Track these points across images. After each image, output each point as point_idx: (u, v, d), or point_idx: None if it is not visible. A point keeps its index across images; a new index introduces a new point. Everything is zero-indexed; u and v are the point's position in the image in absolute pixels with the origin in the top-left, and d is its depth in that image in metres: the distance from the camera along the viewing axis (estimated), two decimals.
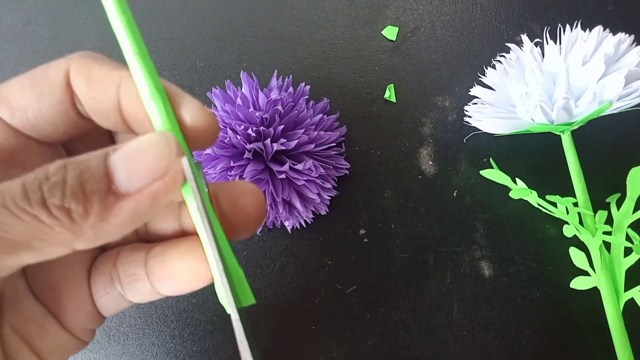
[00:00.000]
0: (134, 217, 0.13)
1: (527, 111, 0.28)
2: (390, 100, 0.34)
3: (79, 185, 0.12)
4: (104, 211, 0.13)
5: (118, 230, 0.13)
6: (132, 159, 0.13)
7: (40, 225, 0.12)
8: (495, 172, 0.32)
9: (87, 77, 0.14)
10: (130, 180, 0.13)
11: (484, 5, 0.35)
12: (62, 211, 0.12)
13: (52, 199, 0.12)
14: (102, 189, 0.13)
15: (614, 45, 0.27)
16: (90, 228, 0.13)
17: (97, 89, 0.14)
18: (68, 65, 0.15)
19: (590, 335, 0.32)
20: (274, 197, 0.29)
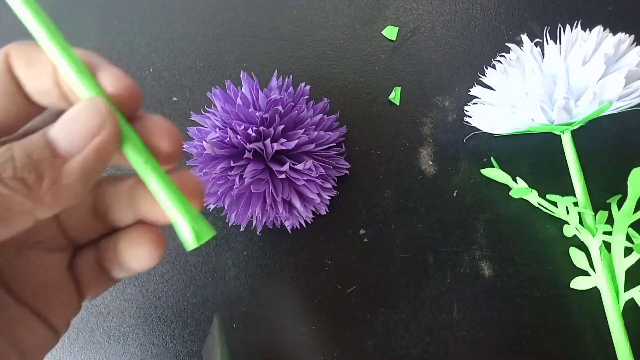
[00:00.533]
0: (84, 174, 0.15)
1: (527, 111, 0.28)
2: (394, 102, 0.34)
3: (27, 158, 0.14)
4: (55, 174, 0.14)
5: (73, 190, 0.15)
6: (68, 125, 0.15)
7: (1, 199, 0.13)
8: (495, 170, 0.32)
9: (27, 59, 0.16)
10: (71, 142, 0.14)
11: (484, 5, 0.35)
12: (17, 181, 0.14)
13: (4, 172, 0.13)
14: (48, 155, 0.14)
15: (614, 45, 0.27)
16: (47, 192, 0.14)
17: (36, 67, 0.16)
18: (7, 52, 0.16)
19: (590, 335, 0.32)
20: (274, 197, 0.29)
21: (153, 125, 0.16)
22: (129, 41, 0.35)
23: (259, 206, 0.29)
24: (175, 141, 0.16)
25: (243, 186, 0.28)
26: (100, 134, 0.15)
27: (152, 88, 0.35)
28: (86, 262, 0.18)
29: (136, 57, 0.35)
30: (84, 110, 0.15)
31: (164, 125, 0.16)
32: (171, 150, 0.16)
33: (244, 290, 0.33)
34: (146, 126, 0.16)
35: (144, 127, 0.16)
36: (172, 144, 0.16)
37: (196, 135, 0.30)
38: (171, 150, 0.16)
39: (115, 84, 0.15)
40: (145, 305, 0.33)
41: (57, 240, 0.18)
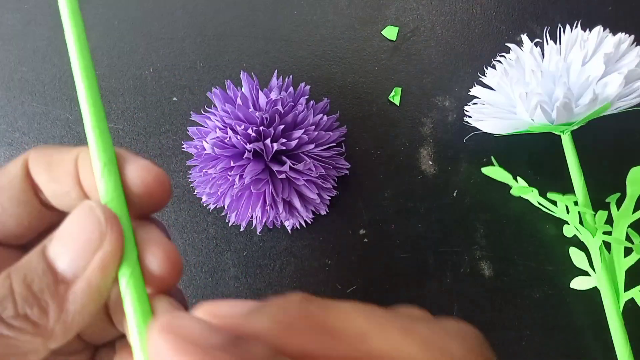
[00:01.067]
0: (91, 295, 0.13)
1: (527, 111, 0.28)
2: (394, 102, 0.34)
3: (27, 289, 0.12)
4: (61, 303, 0.13)
5: (84, 314, 0.13)
6: (66, 242, 0.13)
7: (7, 341, 0.12)
8: (496, 169, 0.32)
9: (47, 162, 0.15)
10: (71, 263, 0.13)
11: (484, 5, 0.35)
12: (20, 320, 0.12)
13: (5, 312, 0.12)
14: (50, 282, 0.13)
15: (614, 45, 0.27)
16: (55, 324, 0.13)
17: (56, 168, 0.14)
18: (26, 157, 0.15)
19: (590, 335, 0.32)
20: (274, 197, 0.29)
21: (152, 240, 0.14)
22: (129, 41, 0.35)
23: (259, 206, 0.29)
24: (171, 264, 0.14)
25: (243, 186, 0.28)
26: (102, 248, 0.13)
27: (152, 88, 0.35)
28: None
29: (136, 57, 0.35)
30: (81, 220, 0.13)
31: (164, 243, 0.14)
32: (164, 273, 0.14)
33: (244, 290, 0.33)
34: (145, 238, 0.14)
35: (142, 239, 0.14)
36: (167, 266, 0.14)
37: (196, 135, 0.30)
38: (164, 273, 0.14)
39: (142, 175, 0.14)
40: None
41: (74, 343, 0.17)
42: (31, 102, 0.35)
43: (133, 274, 0.13)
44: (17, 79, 0.35)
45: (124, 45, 0.35)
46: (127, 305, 0.13)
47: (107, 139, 0.14)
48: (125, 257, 0.14)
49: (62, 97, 0.35)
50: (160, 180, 0.14)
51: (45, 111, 0.35)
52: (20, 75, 0.35)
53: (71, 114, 0.35)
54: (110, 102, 0.34)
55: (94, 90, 0.14)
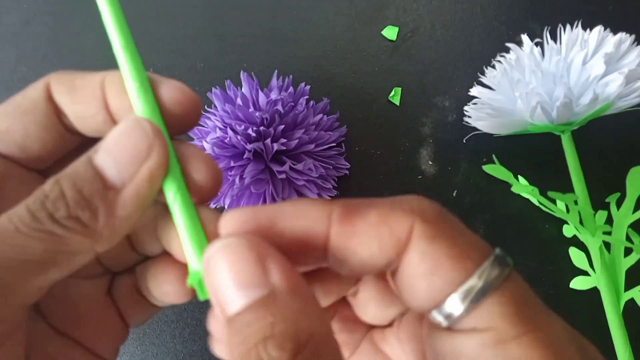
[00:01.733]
0: (139, 203, 0.14)
1: (527, 111, 0.28)
2: (394, 102, 0.34)
3: (78, 193, 0.13)
4: (110, 207, 0.13)
5: (130, 220, 0.14)
6: (114, 152, 0.14)
7: (58, 239, 0.13)
8: (497, 167, 0.32)
9: (70, 85, 0.15)
10: (120, 171, 0.13)
11: (484, 5, 0.35)
12: (72, 220, 0.13)
13: (58, 212, 0.13)
14: (100, 188, 0.13)
15: (615, 45, 0.27)
16: (104, 227, 0.13)
17: (81, 91, 0.15)
18: (47, 81, 0.15)
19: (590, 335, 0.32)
20: (274, 197, 0.29)
21: (191, 153, 0.15)
22: None
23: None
24: (213, 173, 0.15)
25: (243, 186, 0.28)
26: (150, 158, 0.14)
27: None
28: (125, 289, 0.17)
29: None
30: (128, 132, 0.14)
31: (203, 156, 0.15)
32: (207, 182, 0.15)
33: None
34: (184, 152, 0.15)
35: (181, 153, 0.15)
36: (209, 175, 0.15)
37: (196, 135, 0.30)
38: (207, 182, 0.15)
39: (175, 95, 0.15)
40: None
41: (93, 267, 0.17)
42: None
43: (180, 187, 0.14)
44: (17, 78, 0.35)
45: None
46: (176, 216, 0.14)
47: (139, 60, 0.15)
48: (170, 170, 0.14)
49: None
50: (192, 98, 0.15)
51: None
52: (20, 75, 0.35)
53: None
54: None
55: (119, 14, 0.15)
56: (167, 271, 0.16)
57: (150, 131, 0.14)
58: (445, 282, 0.12)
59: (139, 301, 0.17)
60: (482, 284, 0.12)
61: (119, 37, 0.15)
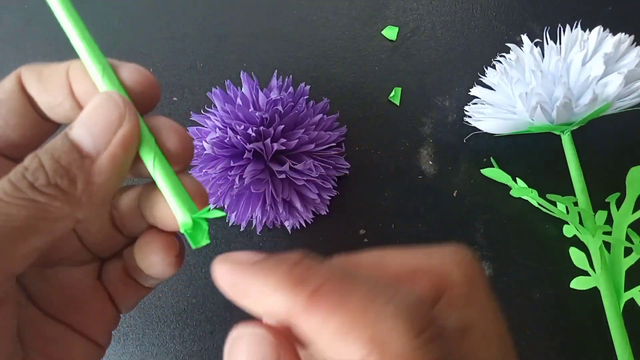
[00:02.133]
0: (115, 169, 0.14)
1: (527, 111, 0.28)
2: (394, 102, 0.34)
3: (56, 163, 0.14)
4: (87, 174, 0.14)
5: (107, 187, 0.15)
6: (88, 124, 0.14)
7: (39, 206, 0.14)
8: (495, 170, 0.32)
9: (38, 75, 0.16)
10: (95, 140, 0.14)
11: (484, 5, 0.35)
12: (52, 187, 0.14)
13: (38, 181, 0.14)
14: (76, 157, 0.14)
15: (614, 45, 0.27)
16: (82, 193, 0.14)
17: (48, 80, 0.16)
18: (18, 72, 0.16)
19: (590, 335, 0.32)
20: (274, 197, 0.29)
21: (161, 124, 0.16)
22: (129, 41, 0.35)
23: (259, 206, 0.29)
24: (183, 140, 0.16)
25: (243, 186, 0.28)
26: (122, 126, 0.14)
27: None
28: (114, 273, 0.18)
29: (136, 57, 0.35)
30: (101, 105, 0.15)
31: (172, 125, 0.16)
32: (179, 148, 0.16)
33: None
34: (154, 125, 0.16)
35: (152, 126, 0.16)
36: (180, 142, 0.16)
37: (196, 135, 0.30)
38: (179, 148, 0.16)
39: (135, 76, 0.15)
40: (145, 305, 0.33)
41: (81, 254, 0.18)
42: None
43: (157, 153, 0.15)
44: None
45: (124, 45, 0.35)
46: (158, 180, 0.15)
47: (96, 47, 0.16)
48: (143, 141, 0.15)
49: None
50: (150, 78, 0.16)
51: None
52: None
53: None
54: None
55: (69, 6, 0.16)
56: (152, 242, 0.17)
57: (121, 102, 0.15)
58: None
59: (129, 284, 0.18)
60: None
61: (74, 27, 0.16)
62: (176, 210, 0.15)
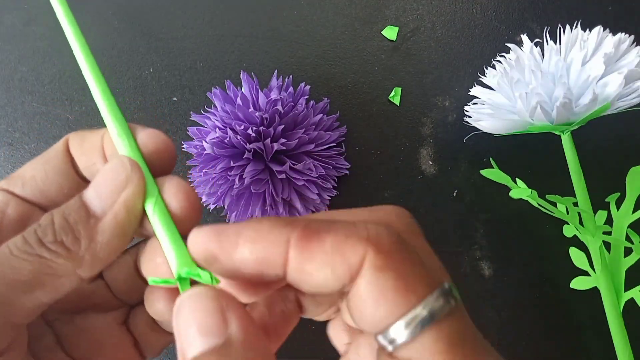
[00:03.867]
0: (117, 230, 0.15)
1: (527, 111, 0.28)
2: (394, 102, 0.34)
3: (64, 221, 0.15)
4: (91, 233, 0.15)
5: (110, 247, 0.15)
6: (97, 186, 0.16)
7: (44, 261, 0.14)
8: (495, 171, 0.32)
9: (81, 139, 0.17)
10: (101, 200, 0.15)
11: (484, 5, 0.35)
12: (57, 244, 0.15)
13: (46, 237, 0.15)
14: (83, 216, 0.15)
15: (614, 45, 0.27)
16: (85, 252, 0.15)
17: (87, 144, 0.17)
18: (68, 137, 0.17)
19: (590, 335, 0.32)
20: (274, 197, 0.29)
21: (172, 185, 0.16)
22: (129, 41, 0.35)
23: (259, 206, 0.29)
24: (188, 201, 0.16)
25: (243, 186, 0.28)
26: (127, 188, 0.15)
27: (152, 88, 0.35)
28: (141, 319, 0.19)
29: (136, 57, 0.35)
30: (111, 168, 0.16)
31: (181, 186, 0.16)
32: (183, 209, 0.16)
33: None
34: (166, 184, 0.16)
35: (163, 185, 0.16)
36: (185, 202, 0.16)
37: (196, 135, 0.30)
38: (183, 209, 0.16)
39: (152, 140, 0.17)
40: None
41: (110, 301, 0.19)
42: (31, 102, 0.35)
43: (157, 202, 0.16)
44: (17, 79, 0.35)
45: (124, 45, 0.35)
46: (156, 227, 0.16)
47: (118, 109, 0.17)
48: (148, 194, 0.16)
49: (62, 97, 0.35)
50: (166, 143, 0.17)
51: (45, 111, 0.35)
52: (20, 75, 0.35)
53: (71, 114, 0.35)
54: None
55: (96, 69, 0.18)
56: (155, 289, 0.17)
57: (128, 164, 0.16)
58: (388, 312, 0.13)
59: (155, 329, 0.19)
60: (425, 314, 0.13)
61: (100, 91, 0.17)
62: (171, 261, 0.16)
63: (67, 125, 0.35)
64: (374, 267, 0.13)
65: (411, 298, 0.13)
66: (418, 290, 0.13)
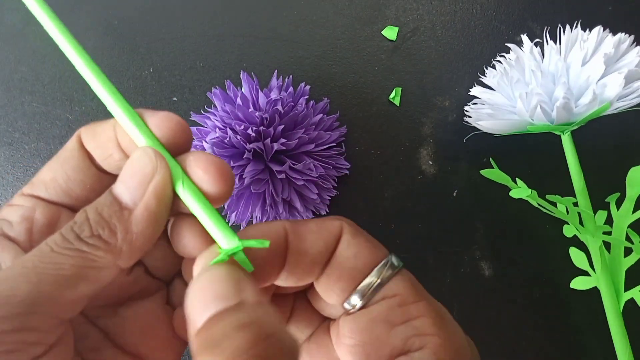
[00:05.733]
0: (150, 218, 0.16)
1: (527, 111, 0.28)
2: (394, 102, 0.34)
3: (99, 216, 0.16)
4: (126, 225, 0.16)
5: (146, 236, 0.16)
6: (126, 179, 0.16)
7: (84, 255, 0.15)
8: (495, 171, 0.32)
9: (93, 132, 0.18)
10: (132, 194, 0.16)
11: (484, 5, 0.35)
12: (95, 238, 0.15)
13: (84, 232, 0.15)
14: (116, 210, 0.16)
15: (614, 45, 0.27)
16: (122, 242, 0.16)
17: (99, 136, 0.18)
18: (78, 133, 0.18)
19: (590, 335, 0.32)
20: (274, 197, 0.29)
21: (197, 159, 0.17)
22: (129, 41, 0.35)
23: (259, 206, 0.29)
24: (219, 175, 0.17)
25: (243, 186, 0.28)
26: (154, 178, 0.16)
27: (152, 88, 0.35)
28: (180, 293, 0.19)
29: (136, 57, 0.35)
30: (136, 160, 0.16)
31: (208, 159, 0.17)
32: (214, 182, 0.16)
33: None
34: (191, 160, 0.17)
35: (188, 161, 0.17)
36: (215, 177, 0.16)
37: (196, 135, 0.30)
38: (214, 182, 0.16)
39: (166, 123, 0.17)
40: None
41: (149, 285, 0.19)
42: (31, 102, 0.35)
43: (185, 182, 0.16)
44: (17, 79, 0.35)
45: (124, 45, 0.35)
46: (191, 206, 0.16)
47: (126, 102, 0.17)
48: (175, 176, 0.16)
49: (62, 97, 0.35)
50: (181, 123, 0.17)
51: (45, 111, 0.35)
52: (20, 75, 0.35)
53: (71, 113, 0.35)
54: None
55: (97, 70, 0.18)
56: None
57: (153, 155, 0.16)
58: (364, 263, 0.17)
59: None
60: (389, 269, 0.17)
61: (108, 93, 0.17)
62: (219, 239, 0.16)
63: (67, 125, 0.35)
64: (350, 233, 0.18)
65: (379, 252, 0.18)
66: (381, 247, 0.18)
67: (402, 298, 0.17)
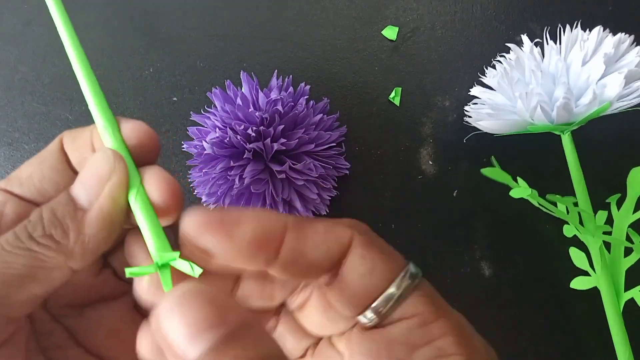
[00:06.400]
0: (104, 221, 0.16)
1: (527, 111, 0.28)
2: (394, 102, 0.34)
3: (53, 215, 0.15)
4: (79, 226, 0.15)
5: (98, 238, 0.16)
6: (83, 179, 0.16)
7: (35, 255, 0.15)
8: (496, 170, 0.32)
9: (74, 136, 0.18)
10: (87, 193, 0.16)
11: (484, 5, 0.35)
12: (46, 238, 0.15)
13: (36, 232, 0.15)
14: (71, 210, 0.15)
15: (614, 45, 0.27)
16: (74, 244, 0.15)
17: (78, 140, 0.18)
18: (62, 135, 0.18)
19: (590, 335, 0.32)
20: (274, 197, 0.29)
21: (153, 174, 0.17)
22: (129, 41, 0.35)
23: (258, 206, 0.29)
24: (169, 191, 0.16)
25: (243, 186, 0.28)
26: (110, 179, 0.16)
27: (152, 88, 0.35)
28: None
29: (136, 57, 0.35)
30: (96, 161, 0.16)
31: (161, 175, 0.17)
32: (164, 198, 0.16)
33: None
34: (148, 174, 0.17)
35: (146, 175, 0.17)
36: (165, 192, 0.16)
37: (196, 135, 0.30)
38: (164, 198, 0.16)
39: (135, 132, 0.17)
40: None
41: (117, 288, 0.19)
42: (31, 102, 0.35)
43: (139, 191, 0.16)
44: (17, 79, 0.35)
45: (124, 45, 0.35)
46: (137, 216, 0.16)
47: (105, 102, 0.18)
48: (131, 184, 0.16)
49: (62, 97, 0.35)
50: (149, 133, 0.17)
51: (45, 111, 0.35)
52: (20, 75, 0.35)
53: (71, 114, 0.35)
54: (111, 102, 0.34)
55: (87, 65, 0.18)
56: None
57: (111, 156, 0.16)
58: (380, 279, 0.16)
59: None
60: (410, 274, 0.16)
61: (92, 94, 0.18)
62: (150, 248, 0.16)
63: (67, 125, 0.35)
64: (362, 243, 0.16)
65: (395, 266, 0.16)
66: (398, 260, 0.17)
67: (422, 317, 0.16)
